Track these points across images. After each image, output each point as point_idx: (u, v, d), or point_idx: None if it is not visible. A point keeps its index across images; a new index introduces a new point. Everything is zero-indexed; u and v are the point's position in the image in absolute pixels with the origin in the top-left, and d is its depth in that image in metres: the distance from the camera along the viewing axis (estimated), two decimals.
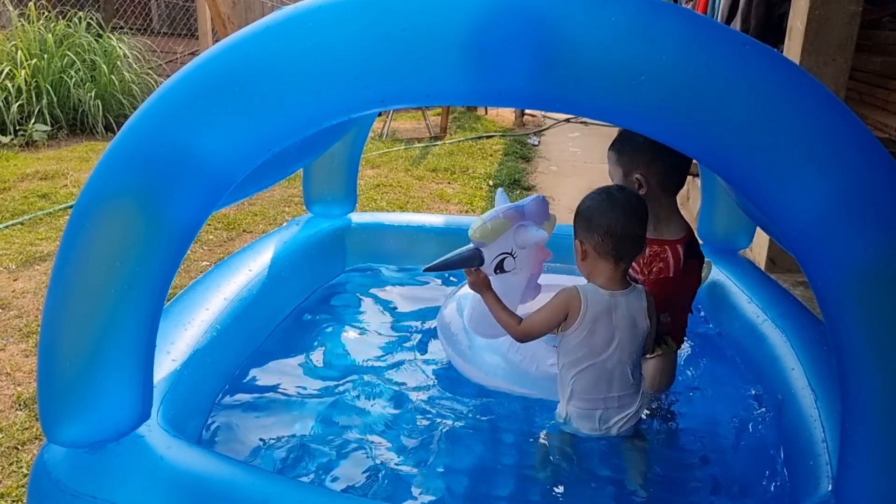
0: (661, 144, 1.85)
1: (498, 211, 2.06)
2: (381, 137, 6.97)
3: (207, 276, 2.42)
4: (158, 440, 1.55)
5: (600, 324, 1.82)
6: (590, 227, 1.83)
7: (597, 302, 1.83)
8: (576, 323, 1.82)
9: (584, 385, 1.86)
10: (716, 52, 1.30)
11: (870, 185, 1.30)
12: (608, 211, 1.81)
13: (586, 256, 1.85)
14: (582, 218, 1.85)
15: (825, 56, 3.26)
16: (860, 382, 1.35)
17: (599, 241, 1.81)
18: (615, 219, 1.80)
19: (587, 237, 1.83)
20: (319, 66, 1.37)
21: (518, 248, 2.09)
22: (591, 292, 1.84)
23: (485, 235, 2.02)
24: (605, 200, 1.84)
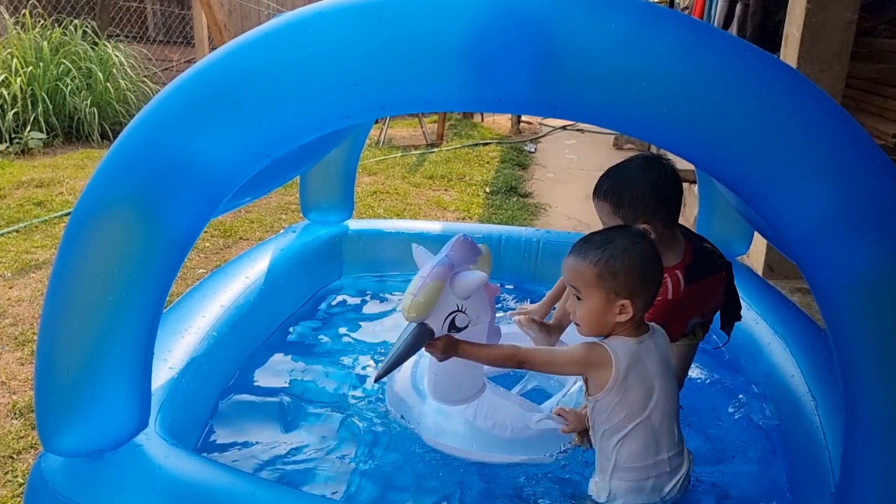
0: (656, 182, 1.85)
1: (422, 277, 1.80)
2: (378, 144, 6.98)
3: (204, 283, 2.41)
4: (156, 449, 1.54)
5: (634, 376, 1.60)
6: (645, 281, 1.61)
7: (627, 353, 1.61)
8: (608, 384, 1.60)
9: (630, 453, 1.63)
10: (717, 58, 1.30)
11: (871, 191, 1.30)
12: (656, 260, 1.63)
13: (630, 316, 1.61)
14: (636, 274, 1.59)
15: (821, 63, 3.27)
16: (863, 389, 1.34)
17: (652, 295, 1.64)
18: (661, 269, 1.65)
19: (640, 296, 1.61)
20: (318, 73, 1.36)
21: (462, 301, 1.85)
22: (618, 346, 1.61)
23: (421, 310, 1.77)
24: (647, 248, 1.63)
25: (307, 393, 2.24)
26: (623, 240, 1.61)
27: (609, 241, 1.61)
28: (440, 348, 1.78)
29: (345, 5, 1.37)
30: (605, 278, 1.58)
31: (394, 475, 1.88)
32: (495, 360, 1.79)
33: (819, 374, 2.01)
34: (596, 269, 1.59)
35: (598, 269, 1.58)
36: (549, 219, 4.98)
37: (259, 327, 2.49)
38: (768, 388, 2.20)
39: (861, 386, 1.36)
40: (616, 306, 1.59)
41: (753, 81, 1.31)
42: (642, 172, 1.87)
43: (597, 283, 1.59)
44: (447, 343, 1.77)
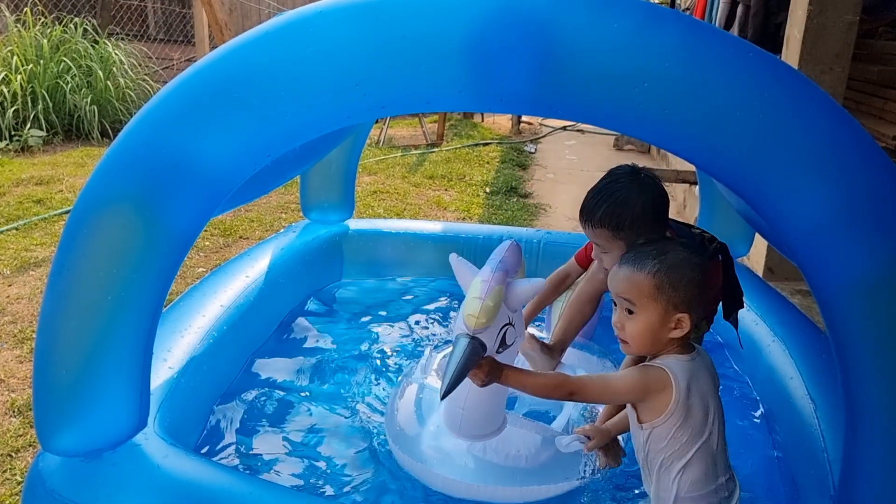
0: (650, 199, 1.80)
1: (485, 281, 1.67)
2: (378, 144, 6.97)
3: (204, 282, 2.40)
4: (155, 448, 1.54)
5: (694, 396, 1.50)
6: (702, 294, 1.51)
7: (685, 372, 1.50)
8: (669, 406, 1.49)
9: (692, 480, 1.51)
10: (719, 59, 1.30)
11: (872, 193, 1.29)
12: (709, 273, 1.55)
13: (686, 331, 1.51)
14: (695, 286, 1.50)
15: (822, 65, 3.26)
16: (863, 392, 1.34)
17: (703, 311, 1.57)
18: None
19: (696, 309, 1.51)
20: (319, 73, 1.36)
21: (512, 313, 1.73)
22: (675, 366, 1.50)
23: (491, 315, 1.63)
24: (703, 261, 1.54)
25: (306, 392, 2.23)
26: (679, 250, 1.53)
27: (665, 251, 1.52)
28: (485, 372, 1.56)
29: (345, 5, 1.36)
30: (665, 290, 1.48)
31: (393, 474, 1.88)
32: (542, 390, 1.57)
33: (818, 377, 2.00)
34: (655, 279, 1.49)
35: (658, 279, 1.48)
36: (549, 219, 4.98)
37: (259, 327, 2.48)
38: (767, 389, 2.20)
39: (861, 388, 1.36)
40: (672, 320, 1.49)
41: (756, 83, 1.30)
42: (634, 191, 1.81)
43: (655, 295, 1.49)
44: (492, 366, 1.57)
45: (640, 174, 1.87)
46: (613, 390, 1.55)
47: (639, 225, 1.79)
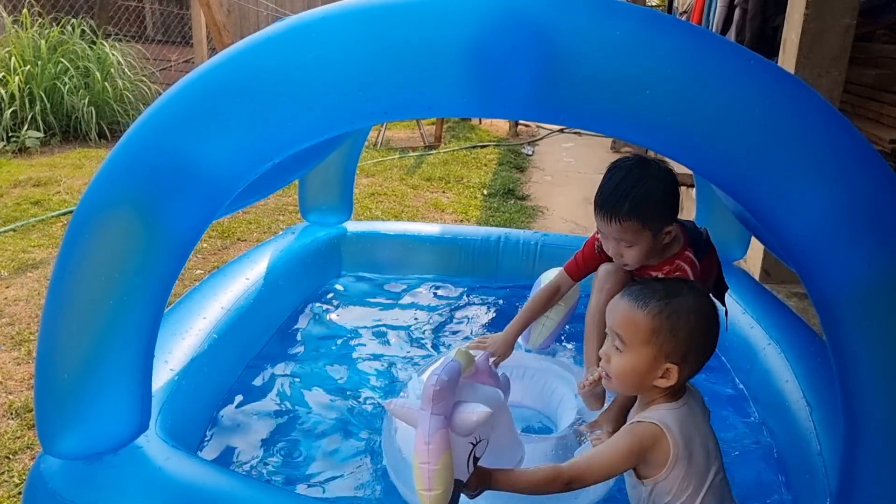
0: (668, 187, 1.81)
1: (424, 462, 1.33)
2: (376, 146, 6.98)
3: (204, 284, 2.41)
4: (157, 451, 1.54)
5: (694, 444, 1.44)
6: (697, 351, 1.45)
7: (678, 421, 1.44)
8: (669, 460, 1.42)
9: None
10: (718, 65, 1.31)
11: (870, 198, 1.30)
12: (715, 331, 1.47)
13: (673, 383, 1.45)
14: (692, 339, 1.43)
15: (819, 69, 3.28)
16: (861, 396, 1.35)
17: (698, 366, 1.47)
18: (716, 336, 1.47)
19: (689, 363, 1.45)
20: (321, 78, 1.37)
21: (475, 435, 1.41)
22: (670, 419, 1.44)
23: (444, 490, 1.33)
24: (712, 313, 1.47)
25: (306, 395, 2.24)
26: (690, 296, 1.44)
27: (674, 293, 1.44)
28: (473, 488, 1.42)
29: (348, 10, 1.37)
30: (662, 334, 1.41)
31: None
32: (537, 487, 1.43)
33: (813, 380, 2.01)
34: (654, 321, 1.41)
35: (657, 322, 1.41)
36: (547, 222, 4.99)
37: (259, 329, 2.49)
38: (763, 393, 2.21)
39: (859, 392, 1.37)
40: (661, 369, 1.42)
41: (754, 88, 1.32)
42: (653, 179, 1.80)
43: (649, 339, 1.41)
44: (479, 479, 1.42)
45: (650, 162, 1.86)
46: (608, 464, 1.44)
47: (662, 212, 1.81)
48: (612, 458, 1.43)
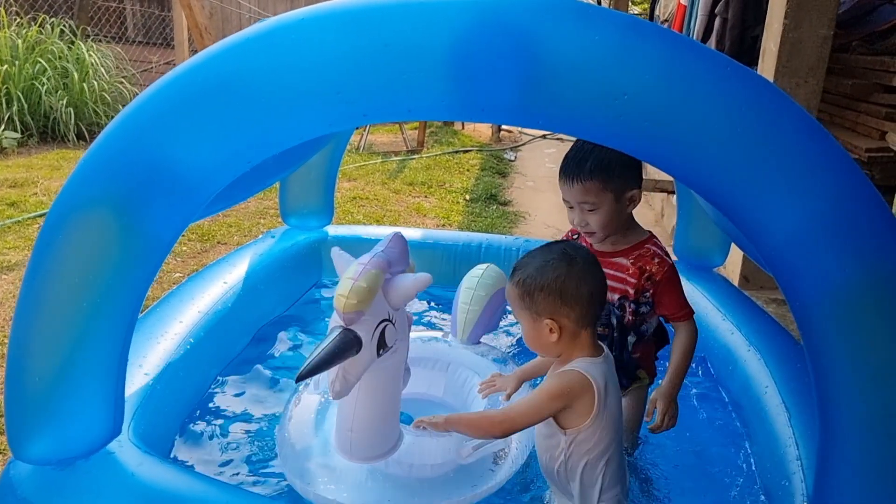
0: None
1: (361, 264, 1.55)
2: (358, 150, 6.96)
3: (181, 287, 2.38)
4: (129, 456, 1.51)
5: (610, 399, 1.56)
6: (565, 299, 1.55)
7: (599, 372, 1.56)
8: (594, 408, 1.53)
9: (613, 469, 1.59)
10: (698, 72, 1.31)
11: (847, 207, 1.31)
12: (580, 276, 1.56)
13: (562, 334, 1.56)
14: (551, 293, 1.54)
15: (798, 78, 3.32)
16: (838, 403, 1.36)
17: (582, 312, 1.56)
18: (592, 281, 1.58)
19: (562, 312, 1.55)
20: (300, 80, 1.35)
21: (393, 311, 1.60)
22: (591, 369, 1.55)
23: (362, 297, 1.50)
24: (568, 264, 1.57)
25: (283, 400, 2.21)
26: (541, 257, 1.59)
27: (530, 259, 1.60)
28: (438, 422, 1.61)
29: (328, 12, 1.36)
30: (524, 298, 1.56)
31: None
32: (480, 430, 1.61)
33: (793, 386, 2.02)
34: (517, 289, 1.58)
35: (519, 289, 1.57)
36: (529, 227, 5.00)
37: (237, 333, 2.46)
38: (743, 399, 2.22)
39: (835, 397, 1.37)
40: (544, 326, 1.56)
41: (734, 97, 1.32)
42: None
43: (521, 305, 1.58)
44: (445, 420, 1.61)
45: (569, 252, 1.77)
46: (538, 406, 1.55)
47: (624, 173, 1.84)
48: (541, 400, 1.55)
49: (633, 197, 1.89)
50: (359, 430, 1.66)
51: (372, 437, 1.68)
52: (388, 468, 1.69)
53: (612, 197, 1.85)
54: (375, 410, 1.66)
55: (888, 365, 1.32)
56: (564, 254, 1.59)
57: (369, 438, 1.67)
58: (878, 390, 1.33)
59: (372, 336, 1.55)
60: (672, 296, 1.92)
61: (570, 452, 1.57)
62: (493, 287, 2.41)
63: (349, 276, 1.53)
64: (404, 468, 1.69)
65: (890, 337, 1.32)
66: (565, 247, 1.63)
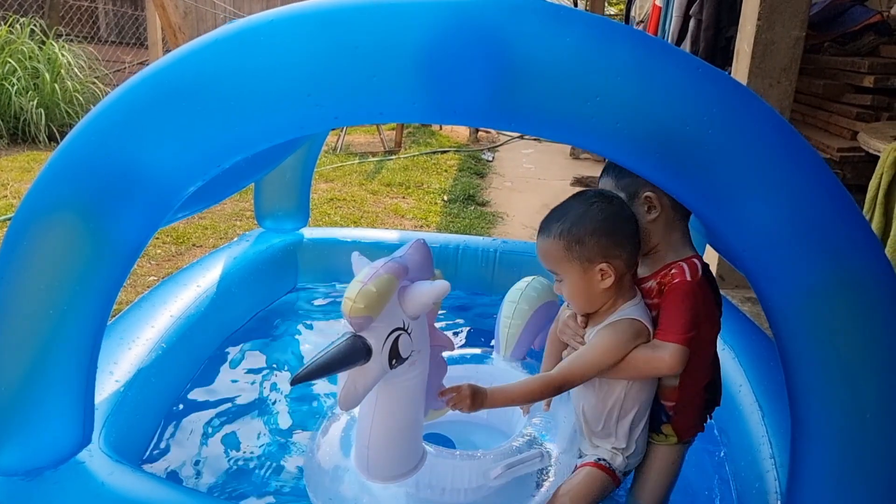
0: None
1: (375, 267, 1.46)
2: (335, 151, 6.92)
3: (154, 292, 2.35)
4: (100, 466, 1.49)
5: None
6: (617, 239, 1.53)
7: (648, 318, 1.57)
8: None
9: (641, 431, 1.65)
10: (669, 74, 1.32)
11: (818, 208, 1.33)
12: (623, 212, 1.56)
13: (615, 279, 1.53)
14: (603, 234, 1.52)
15: (771, 79, 3.35)
16: (810, 401, 1.37)
17: (632, 251, 1.56)
18: (633, 217, 1.57)
19: (615, 254, 1.53)
20: (271, 82, 1.34)
21: (410, 320, 1.50)
22: (636, 311, 1.56)
23: (371, 303, 1.40)
24: (609, 203, 1.56)
25: (258, 406, 2.19)
26: (579, 205, 1.56)
27: (566, 210, 1.57)
28: (467, 396, 1.51)
29: (298, 13, 1.35)
30: (573, 249, 1.53)
31: None
32: (531, 396, 1.58)
33: (766, 384, 2.04)
34: (562, 241, 1.54)
35: (564, 241, 1.53)
36: (507, 227, 5.00)
37: (210, 338, 2.43)
38: None
39: (808, 396, 1.39)
40: (596, 273, 1.54)
41: (704, 98, 1.33)
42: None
43: (567, 257, 1.54)
44: (474, 390, 1.51)
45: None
46: (598, 361, 1.53)
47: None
48: (601, 355, 1.53)
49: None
50: (376, 448, 1.56)
51: (390, 455, 1.58)
52: (419, 492, 1.61)
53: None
54: (393, 428, 1.56)
55: (859, 363, 1.34)
56: (601, 195, 1.57)
57: (387, 457, 1.57)
58: (850, 388, 1.34)
59: (383, 345, 1.44)
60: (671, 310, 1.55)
61: (624, 400, 1.58)
62: (538, 300, 2.26)
63: (359, 279, 1.44)
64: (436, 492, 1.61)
65: (860, 335, 1.34)
66: (593, 193, 1.59)
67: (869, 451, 1.34)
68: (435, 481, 1.63)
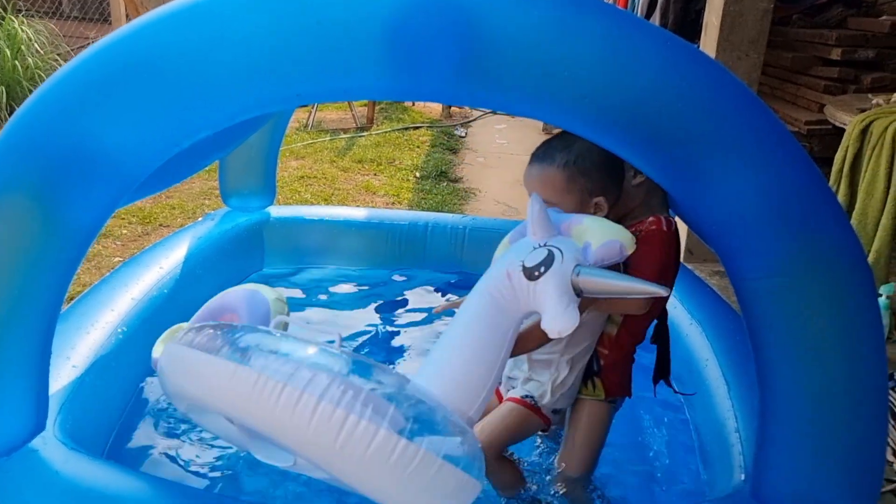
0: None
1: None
2: (306, 128, 6.83)
3: (114, 274, 2.29)
4: (54, 454, 1.45)
5: None
6: (613, 175, 1.60)
7: None
8: None
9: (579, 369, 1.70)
10: (638, 48, 1.29)
11: (787, 184, 1.32)
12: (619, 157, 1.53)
13: (598, 209, 1.60)
14: (605, 168, 1.58)
15: (739, 51, 3.34)
16: (777, 376, 1.37)
17: (618, 194, 1.63)
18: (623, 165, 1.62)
19: (610, 189, 1.60)
20: (229, 58, 1.29)
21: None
22: None
23: None
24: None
25: None
26: (580, 139, 1.50)
27: (570, 141, 1.57)
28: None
29: None
30: (577, 179, 1.56)
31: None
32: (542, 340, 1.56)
33: (732, 358, 2.05)
34: (566, 171, 1.56)
35: (569, 171, 1.56)
36: (479, 204, 4.98)
37: (174, 321, 2.36)
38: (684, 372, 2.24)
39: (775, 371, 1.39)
40: (591, 206, 1.58)
41: (673, 72, 1.31)
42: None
43: (569, 187, 1.56)
44: None
45: None
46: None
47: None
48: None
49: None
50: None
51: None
52: None
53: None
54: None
55: (826, 338, 1.34)
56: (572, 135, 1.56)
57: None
58: (817, 363, 1.35)
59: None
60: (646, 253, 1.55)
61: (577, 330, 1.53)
62: None
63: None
64: None
65: (828, 310, 1.34)
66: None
67: (835, 429, 1.34)
68: None
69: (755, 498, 1.45)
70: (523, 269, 1.32)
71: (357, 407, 1.15)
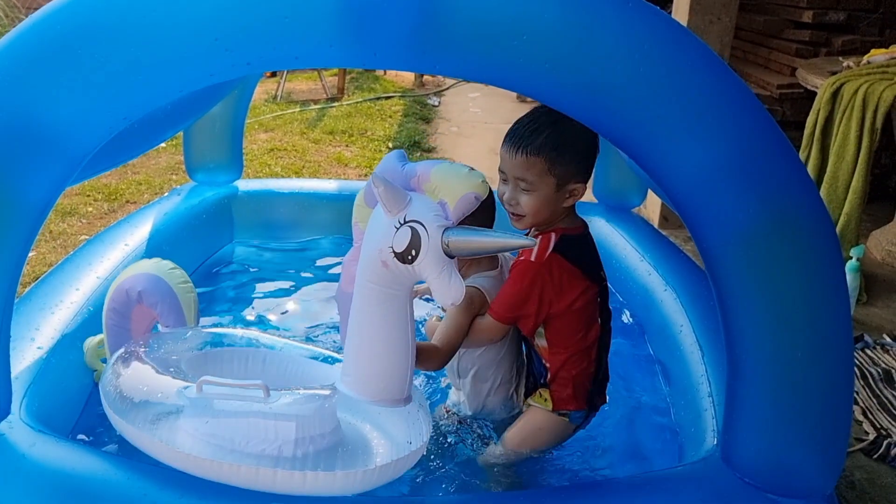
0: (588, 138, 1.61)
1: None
2: (275, 99, 6.71)
3: (78, 252, 2.24)
4: (21, 437, 1.42)
5: None
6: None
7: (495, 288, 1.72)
8: None
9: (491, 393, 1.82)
10: (599, 10, 1.26)
11: (751, 148, 1.30)
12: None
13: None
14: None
15: (711, 15, 3.32)
16: (744, 341, 1.37)
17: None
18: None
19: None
20: (174, 25, 1.23)
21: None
22: (489, 283, 1.73)
23: None
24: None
25: None
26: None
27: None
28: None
29: None
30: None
31: None
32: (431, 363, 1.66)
33: (706, 324, 2.06)
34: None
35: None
36: None
37: None
38: (659, 338, 2.25)
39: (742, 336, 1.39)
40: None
41: (636, 35, 1.27)
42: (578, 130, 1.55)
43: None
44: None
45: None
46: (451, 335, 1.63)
47: (574, 162, 1.60)
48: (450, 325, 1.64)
49: (576, 192, 1.63)
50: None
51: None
52: None
53: (554, 183, 1.59)
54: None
55: (793, 303, 1.34)
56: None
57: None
58: (783, 328, 1.34)
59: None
60: (504, 287, 1.65)
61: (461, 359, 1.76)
62: None
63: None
64: None
65: (794, 276, 1.33)
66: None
67: (802, 390, 1.35)
68: None
69: (725, 461, 1.46)
70: (395, 255, 1.34)
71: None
